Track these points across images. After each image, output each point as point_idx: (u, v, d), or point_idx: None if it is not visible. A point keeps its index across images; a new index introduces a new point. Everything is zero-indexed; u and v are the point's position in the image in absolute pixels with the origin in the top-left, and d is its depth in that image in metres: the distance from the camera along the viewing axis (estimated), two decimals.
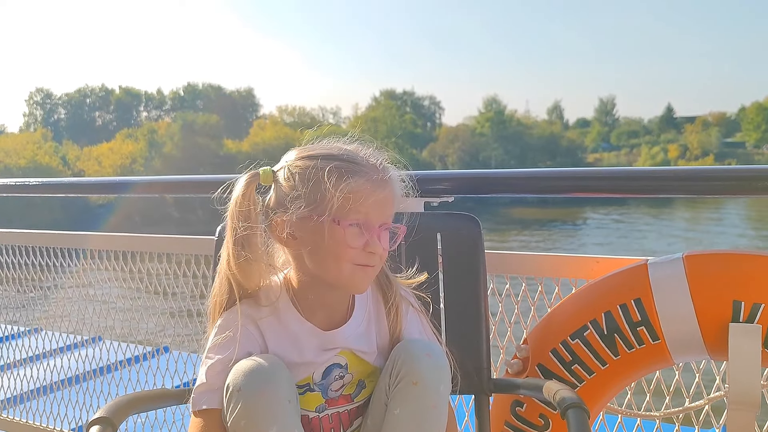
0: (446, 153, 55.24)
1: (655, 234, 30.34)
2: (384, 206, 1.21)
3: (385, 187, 1.21)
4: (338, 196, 1.16)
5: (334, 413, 1.26)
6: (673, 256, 1.45)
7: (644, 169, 1.77)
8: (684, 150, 59.18)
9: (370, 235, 1.18)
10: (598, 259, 1.61)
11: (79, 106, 64.58)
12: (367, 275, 1.21)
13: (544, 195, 1.77)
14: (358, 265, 1.19)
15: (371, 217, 1.18)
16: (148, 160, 43.27)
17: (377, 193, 1.19)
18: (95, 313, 2.64)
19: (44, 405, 2.74)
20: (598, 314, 1.45)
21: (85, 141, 49.72)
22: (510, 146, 57.57)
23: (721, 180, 1.56)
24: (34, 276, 2.76)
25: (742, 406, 1.37)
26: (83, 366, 2.67)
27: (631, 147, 64.12)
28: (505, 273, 1.72)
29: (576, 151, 60.63)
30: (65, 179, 2.77)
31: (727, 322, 1.35)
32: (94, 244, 2.52)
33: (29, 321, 3.00)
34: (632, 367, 1.47)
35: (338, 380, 1.25)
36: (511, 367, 1.55)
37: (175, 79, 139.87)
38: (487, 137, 58.71)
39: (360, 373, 1.27)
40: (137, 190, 2.63)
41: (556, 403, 1.22)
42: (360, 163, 1.21)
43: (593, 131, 68.48)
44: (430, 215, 1.67)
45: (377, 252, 1.19)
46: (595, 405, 1.50)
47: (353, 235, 1.18)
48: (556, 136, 61.80)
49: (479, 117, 61.79)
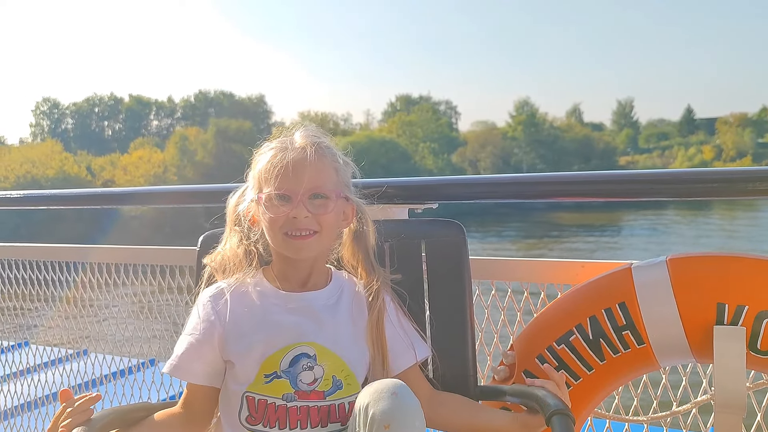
0: (478, 158, 54.49)
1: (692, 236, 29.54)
2: (302, 172, 1.28)
3: (302, 154, 1.29)
4: (255, 173, 1.33)
5: (303, 406, 1.25)
6: (657, 259, 1.45)
7: (629, 172, 1.77)
8: (719, 151, 57.94)
9: (291, 204, 1.27)
10: (583, 263, 1.61)
11: (88, 115, 63.65)
12: (299, 243, 1.29)
13: (529, 200, 1.76)
14: (288, 234, 1.29)
15: (287, 184, 1.28)
16: (179, 169, 42.64)
17: (288, 159, 1.28)
18: (81, 326, 2.61)
19: (29, 421, 2.70)
20: (584, 319, 1.45)
21: (95, 151, 48.81)
22: (543, 150, 56.41)
23: (705, 183, 1.55)
24: (17, 290, 2.72)
25: (729, 409, 1.37)
26: (69, 380, 2.64)
27: (662, 149, 62.74)
28: (490, 279, 1.71)
29: (611, 154, 58.98)
30: (55, 191, 2.70)
31: (711, 324, 1.35)
32: (78, 257, 2.49)
33: (16, 335, 2.97)
34: (618, 372, 1.46)
35: (307, 371, 1.26)
36: (498, 374, 1.54)
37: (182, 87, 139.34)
38: (518, 141, 57.59)
39: (331, 368, 1.28)
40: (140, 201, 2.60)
41: (542, 410, 1.21)
42: (285, 142, 1.33)
43: (622, 134, 67.07)
44: (415, 222, 1.66)
45: (299, 217, 1.27)
46: (583, 410, 1.50)
47: (271, 205, 1.29)
48: (591, 139, 60.37)
49: (512, 121, 60.26)
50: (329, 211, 1.30)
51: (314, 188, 1.29)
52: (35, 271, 2.62)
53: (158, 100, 66.25)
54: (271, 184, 1.29)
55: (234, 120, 50.11)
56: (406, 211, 1.73)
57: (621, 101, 71.24)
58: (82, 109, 63.62)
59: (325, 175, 1.31)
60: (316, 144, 1.32)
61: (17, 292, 2.72)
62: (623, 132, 67.30)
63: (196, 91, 71.77)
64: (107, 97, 65.01)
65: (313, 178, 1.28)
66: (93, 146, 50.68)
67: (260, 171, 1.32)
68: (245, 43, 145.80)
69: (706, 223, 34.41)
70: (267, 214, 1.29)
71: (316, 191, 1.29)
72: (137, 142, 49.84)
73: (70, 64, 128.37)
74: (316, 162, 1.30)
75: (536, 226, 32.78)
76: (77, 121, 63.34)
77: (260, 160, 1.34)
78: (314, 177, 1.29)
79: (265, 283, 1.34)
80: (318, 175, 1.29)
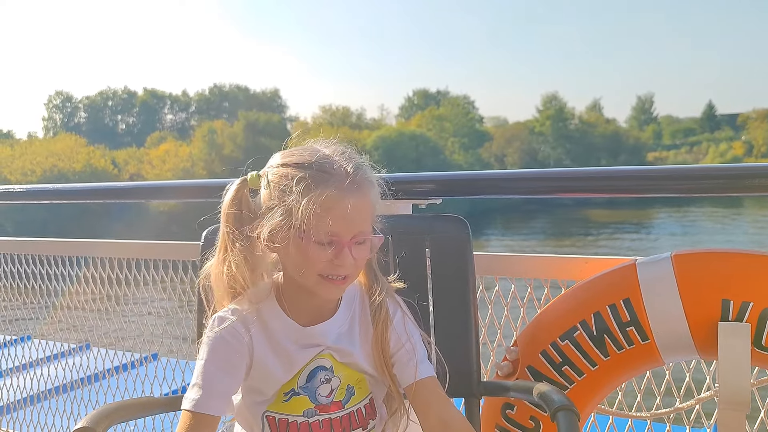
0: (506, 153, 53.28)
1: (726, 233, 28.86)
2: (354, 216, 1.15)
3: (356, 195, 1.16)
4: (304, 210, 1.13)
5: (325, 419, 1.24)
6: (662, 255, 1.45)
7: (628, 168, 1.77)
8: (749, 147, 56.04)
9: (338, 249, 1.15)
10: (587, 259, 1.60)
11: (101, 109, 62.91)
12: (335, 286, 1.19)
13: (530, 196, 1.76)
14: (325, 277, 1.17)
15: (339, 229, 1.15)
16: (207, 163, 41.33)
17: (345, 203, 1.14)
18: (84, 320, 2.62)
19: (32, 415, 2.71)
20: (588, 315, 1.45)
21: (109, 145, 48.01)
22: (570, 145, 54.71)
23: (711, 179, 1.54)
24: (19, 284, 2.73)
25: (733, 406, 1.36)
26: (71, 374, 2.64)
27: (690, 145, 60.78)
28: (494, 275, 1.71)
29: (640, 150, 57.09)
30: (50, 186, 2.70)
31: (716, 321, 1.35)
32: (80, 252, 2.49)
33: (19, 330, 2.97)
34: (622, 368, 1.46)
35: (325, 384, 1.24)
36: (501, 370, 1.54)
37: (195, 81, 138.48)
38: (546, 136, 55.80)
39: (347, 378, 1.26)
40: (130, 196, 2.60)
41: (546, 406, 1.21)
42: (330, 171, 1.16)
43: (648, 129, 64.84)
44: (419, 217, 1.66)
45: (345, 264, 1.16)
46: (586, 406, 1.49)
47: (318, 249, 1.15)
48: (619, 134, 58.32)
49: (539, 115, 58.00)
50: (370, 254, 1.22)
51: (362, 234, 1.18)
52: (38, 266, 2.62)
53: (173, 94, 65.33)
54: (320, 228, 1.13)
55: (263, 113, 49.31)
56: (410, 206, 1.73)
57: (641, 96, 69.49)
58: (96, 103, 62.96)
59: (370, 214, 1.20)
60: (368, 180, 1.19)
61: (20, 286, 2.72)
62: (649, 127, 65.53)
63: (211, 84, 70.87)
64: (121, 91, 64.17)
65: (363, 223, 1.18)
66: (106, 140, 49.62)
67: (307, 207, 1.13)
68: (244, 41, 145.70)
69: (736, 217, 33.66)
70: (307, 256, 1.15)
71: (364, 237, 1.18)
72: (155, 136, 49.12)
73: (83, 57, 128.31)
74: (368, 203, 1.18)
75: (564, 223, 32.11)
76: (90, 114, 62.64)
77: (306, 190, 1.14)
78: (364, 221, 1.18)
79: (282, 317, 1.24)
80: (366, 217, 1.19)
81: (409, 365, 1.28)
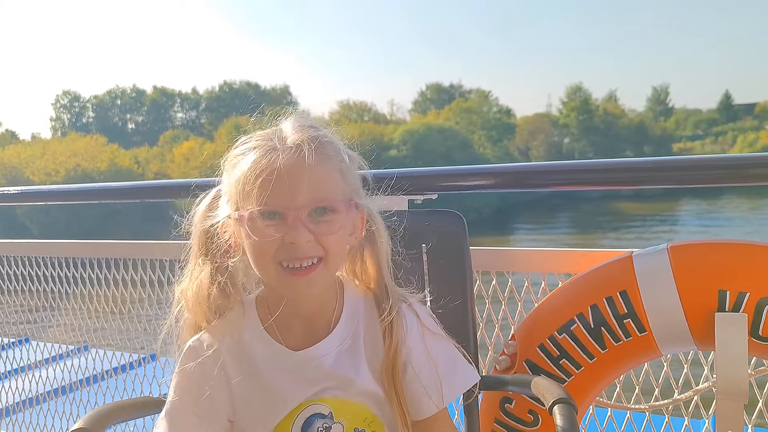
0: (530, 145, 52.90)
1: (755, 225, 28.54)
2: (295, 181, 0.96)
3: (296, 159, 0.96)
4: (232, 181, 0.97)
5: None
6: (658, 247, 1.44)
7: (625, 160, 1.76)
8: None
9: (282, 220, 0.96)
10: (583, 252, 1.60)
11: (109, 108, 62.63)
12: (299, 278, 0.99)
13: (530, 189, 1.75)
14: (285, 266, 0.98)
15: (275, 196, 0.95)
16: None
17: (275, 165, 0.95)
18: (82, 322, 2.61)
19: (31, 417, 2.70)
20: (585, 308, 1.44)
21: (119, 144, 47.74)
22: (595, 137, 54.05)
23: (712, 169, 1.53)
24: (17, 286, 2.72)
25: (730, 396, 1.36)
26: (70, 376, 2.63)
27: (715, 135, 60.23)
28: (491, 269, 1.71)
29: (667, 141, 56.79)
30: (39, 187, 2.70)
31: (713, 311, 1.35)
32: (78, 252, 2.48)
33: (17, 332, 2.97)
34: (620, 360, 1.46)
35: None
36: (499, 364, 1.54)
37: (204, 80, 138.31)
38: (570, 128, 55.42)
39: (353, 420, 1.07)
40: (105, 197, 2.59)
41: (544, 399, 1.21)
42: (266, 139, 1.00)
43: (671, 120, 64.62)
44: (414, 213, 1.65)
45: (298, 242, 0.96)
46: (584, 399, 1.49)
47: (258, 227, 0.97)
48: (644, 125, 57.81)
49: (563, 107, 58.01)
50: (337, 230, 1.00)
51: (316, 201, 0.98)
52: (41, 268, 2.61)
53: (182, 92, 64.80)
54: (255, 198, 0.96)
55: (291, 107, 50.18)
56: (406, 201, 1.73)
57: (656, 87, 69.40)
58: (104, 102, 62.75)
59: (329, 180, 1.00)
60: (315, 139, 1.00)
61: (19, 288, 2.72)
62: (672, 118, 65.25)
63: (221, 81, 70.37)
64: (130, 89, 64.02)
65: (314, 188, 0.98)
66: (116, 139, 49.30)
67: (239, 179, 0.98)
68: (244, 42, 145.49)
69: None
70: (252, 238, 0.97)
71: (319, 204, 0.99)
72: (168, 135, 48.76)
73: (90, 56, 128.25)
74: (318, 164, 0.98)
75: (590, 216, 31.73)
76: (99, 113, 62.43)
77: (238, 164, 1.00)
78: (316, 185, 0.98)
79: (268, 340, 1.06)
80: (321, 181, 0.99)
81: (423, 400, 1.10)
